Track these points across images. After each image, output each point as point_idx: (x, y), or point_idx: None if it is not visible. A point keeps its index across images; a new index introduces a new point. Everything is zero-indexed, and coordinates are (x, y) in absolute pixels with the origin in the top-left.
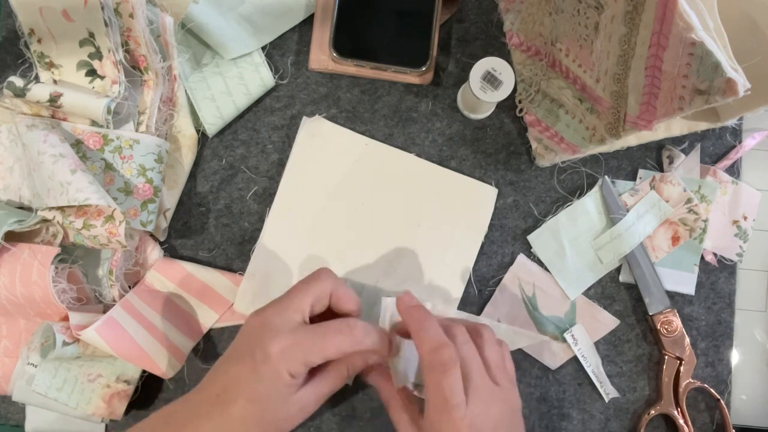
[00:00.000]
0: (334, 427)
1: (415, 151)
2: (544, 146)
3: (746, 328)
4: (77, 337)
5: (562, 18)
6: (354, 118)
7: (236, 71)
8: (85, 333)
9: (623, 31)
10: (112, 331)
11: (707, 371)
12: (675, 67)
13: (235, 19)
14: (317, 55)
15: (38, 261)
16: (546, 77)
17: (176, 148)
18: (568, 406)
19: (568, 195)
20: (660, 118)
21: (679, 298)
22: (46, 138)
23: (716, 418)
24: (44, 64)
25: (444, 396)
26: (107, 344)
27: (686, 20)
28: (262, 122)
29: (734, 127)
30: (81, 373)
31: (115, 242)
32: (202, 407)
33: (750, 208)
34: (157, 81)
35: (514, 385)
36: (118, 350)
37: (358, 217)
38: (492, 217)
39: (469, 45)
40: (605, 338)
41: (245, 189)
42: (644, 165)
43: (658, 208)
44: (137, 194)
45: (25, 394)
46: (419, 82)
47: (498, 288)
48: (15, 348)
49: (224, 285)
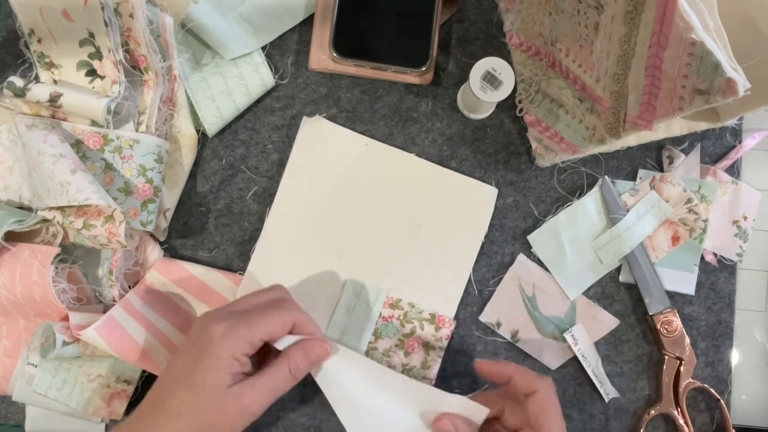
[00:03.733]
0: (334, 427)
1: (415, 151)
2: (544, 146)
3: (746, 328)
4: (77, 337)
5: (562, 18)
6: (354, 118)
7: (236, 71)
8: (85, 333)
9: (623, 31)
10: (112, 331)
11: (707, 371)
12: (675, 67)
13: (235, 19)
14: (317, 55)
15: (38, 261)
16: (546, 77)
17: (176, 148)
18: (568, 406)
19: (568, 195)
20: (660, 118)
21: (679, 298)
22: (46, 138)
23: (716, 418)
24: (44, 64)
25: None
26: (107, 344)
27: (686, 20)
28: (262, 122)
29: (734, 127)
30: (81, 373)
31: (115, 242)
32: (144, 408)
33: (750, 208)
34: (157, 81)
35: None
36: (118, 350)
37: (358, 217)
38: (492, 217)
39: (469, 45)
40: (605, 338)
41: (245, 189)
42: (644, 165)
43: (658, 208)
44: (137, 194)
45: (25, 394)
46: (419, 82)
47: (498, 288)
48: (15, 348)
49: (224, 285)
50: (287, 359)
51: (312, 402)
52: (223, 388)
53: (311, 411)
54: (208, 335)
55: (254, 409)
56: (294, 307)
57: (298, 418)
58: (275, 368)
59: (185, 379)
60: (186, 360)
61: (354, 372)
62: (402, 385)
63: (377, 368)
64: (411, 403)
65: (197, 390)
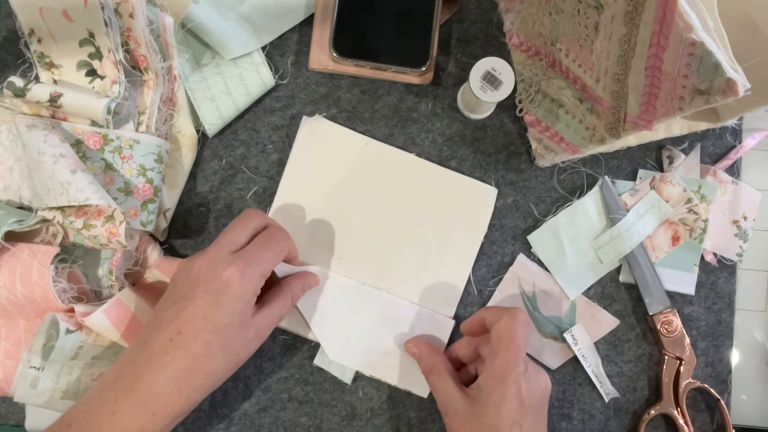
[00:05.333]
0: (334, 427)
1: (415, 151)
2: (544, 146)
3: (746, 328)
4: (81, 325)
5: (562, 18)
6: (354, 118)
7: (236, 71)
8: (92, 317)
9: (623, 31)
10: (119, 312)
11: (707, 371)
12: (675, 67)
13: (235, 19)
14: (317, 55)
15: (38, 261)
16: (546, 77)
17: (176, 148)
18: (568, 406)
19: (568, 195)
20: (660, 118)
21: (679, 298)
22: (46, 138)
23: (716, 418)
24: (44, 64)
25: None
26: (115, 327)
27: (686, 20)
28: (262, 122)
29: (734, 127)
30: (84, 374)
31: (115, 242)
32: (156, 356)
33: (750, 208)
34: (157, 81)
35: None
36: (126, 333)
37: (357, 216)
38: (492, 217)
39: (469, 45)
40: (605, 338)
41: (245, 189)
42: (644, 165)
43: (658, 208)
44: (137, 194)
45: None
46: (419, 82)
47: (498, 288)
48: (15, 350)
49: None
50: (289, 290)
51: (312, 402)
52: (247, 322)
53: (311, 411)
54: (226, 279)
55: (266, 334)
56: (282, 234)
57: (298, 418)
58: (280, 298)
59: (206, 322)
60: (199, 305)
61: (335, 294)
62: (380, 304)
63: (358, 288)
64: (388, 320)
65: (225, 330)
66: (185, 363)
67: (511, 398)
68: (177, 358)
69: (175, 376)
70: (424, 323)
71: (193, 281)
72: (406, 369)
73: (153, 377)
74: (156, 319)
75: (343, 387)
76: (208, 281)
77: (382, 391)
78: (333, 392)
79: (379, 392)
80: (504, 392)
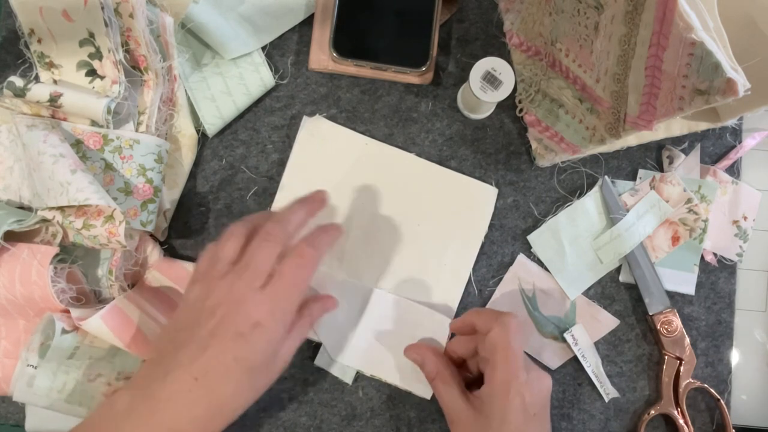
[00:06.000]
0: (334, 427)
1: (415, 151)
2: (544, 146)
3: (746, 328)
4: (77, 326)
5: (562, 18)
6: (354, 118)
7: (236, 71)
8: (89, 322)
9: (623, 31)
10: (116, 318)
11: (707, 371)
12: (675, 67)
13: (235, 19)
14: (317, 55)
15: (37, 261)
16: (546, 77)
17: (176, 148)
18: (568, 406)
19: (568, 195)
20: (660, 118)
21: (679, 298)
22: (46, 138)
23: (716, 418)
24: (44, 64)
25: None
26: (112, 332)
27: (686, 20)
28: (262, 122)
29: (734, 127)
30: (81, 374)
31: (115, 242)
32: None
33: (750, 208)
34: (157, 81)
35: None
36: (123, 338)
37: (358, 216)
38: (492, 217)
39: (469, 45)
40: (605, 338)
41: (245, 189)
42: (644, 165)
43: (658, 208)
44: (137, 194)
45: (26, 395)
46: (419, 82)
47: (498, 288)
48: (15, 349)
49: None
50: (309, 314)
51: (312, 402)
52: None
53: (311, 411)
54: (256, 322)
55: (289, 361)
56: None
57: (298, 418)
58: (300, 325)
59: (236, 364)
60: (229, 348)
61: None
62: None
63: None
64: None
65: (256, 370)
66: (213, 404)
67: (516, 410)
68: (203, 398)
69: (201, 416)
70: (424, 322)
71: (219, 321)
72: (408, 369)
73: (177, 418)
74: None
75: (343, 387)
76: (237, 324)
77: (382, 391)
78: (333, 392)
79: (380, 392)
80: (507, 405)
